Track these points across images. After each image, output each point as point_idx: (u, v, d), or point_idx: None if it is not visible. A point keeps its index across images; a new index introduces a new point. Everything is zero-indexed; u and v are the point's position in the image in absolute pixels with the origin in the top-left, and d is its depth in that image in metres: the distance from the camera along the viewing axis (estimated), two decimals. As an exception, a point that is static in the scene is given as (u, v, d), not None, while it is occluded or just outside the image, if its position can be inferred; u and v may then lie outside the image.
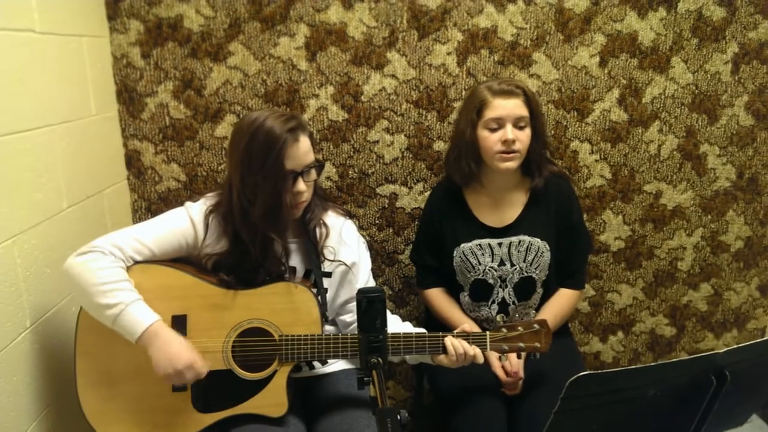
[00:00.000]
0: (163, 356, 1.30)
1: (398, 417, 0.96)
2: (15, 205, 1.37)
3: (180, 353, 1.31)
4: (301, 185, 1.40)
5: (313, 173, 1.44)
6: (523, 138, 1.60)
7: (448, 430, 1.56)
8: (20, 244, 1.38)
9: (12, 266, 1.35)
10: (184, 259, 1.48)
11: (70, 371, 1.41)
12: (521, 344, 1.45)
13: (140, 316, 1.31)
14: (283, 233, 1.44)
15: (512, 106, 1.59)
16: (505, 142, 1.58)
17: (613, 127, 2.03)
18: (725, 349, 0.95)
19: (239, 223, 1.42)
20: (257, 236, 1.41)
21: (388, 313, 1.57)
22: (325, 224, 1.53)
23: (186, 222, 1.45)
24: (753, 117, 2.06)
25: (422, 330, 1.48)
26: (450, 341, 1.40)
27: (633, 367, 0.89)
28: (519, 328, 1.45)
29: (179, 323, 1.40)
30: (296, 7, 1.88)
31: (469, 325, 1.63)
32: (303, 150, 1.39)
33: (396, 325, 1.54)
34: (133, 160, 1.97)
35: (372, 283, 1.60)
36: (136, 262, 1.40)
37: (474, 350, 1.41)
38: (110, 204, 1.85)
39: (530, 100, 1.62)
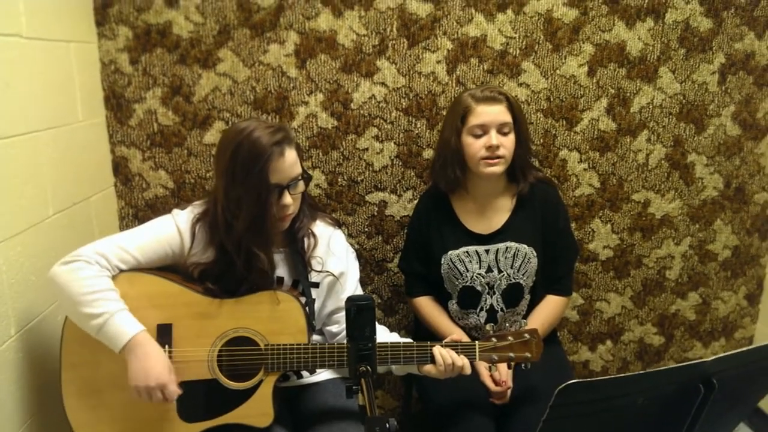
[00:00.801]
0: (140, 369, 1.29)
1: (387, 426, 0.95)
2: (0, 211, 1.35)
3: (156, 370, 1.29)
4: (288, 198, 1.38)
5: (300, 185, 1.42)
6: (507, 144, 1.61)
7: (437, 441, 1.55)
8: (5, 252, 1.36)
9: (-5, 273, 1.33)
10: (170, 268, 1.47)
11: (54, 380, 1.39)
12: (511, 354, 1.44)
13: (124, 326, 1.29)
14: (267, 247, 1.42)
15: (496, 112, 1.60)
16: (489, 147, 1.58)
17: (601, 136, 2.05)
18: (713, 358, 0.95)
19: (224, 235, 1.40)
20: (241, 250, 1.39)
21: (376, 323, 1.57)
22: (313, 234, 1.51)
23: (172, 230, 1.43)
24: (740, 127, 2.08)
25: (409, 340, 1.47)
26: (438, 351, 1.39)
27: (621, 375, 0.89)
28: (509, 338, 1.44)
29: (164, 332, 1.38)
30: (286, 15, 1.88)
31: (458, 335, 1.63)
32: (288, 163, 1.37)
33: (383, 335, 1.53)
34: (120, 167, 1.95)
35: (359, 293, 1.59)
36: (122, 271, 1.38)
37: (462, 361, 1.39)
38: (97, 211, 1.83)
39: (513, 107, 1.63)
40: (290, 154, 1.38)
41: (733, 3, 1.96)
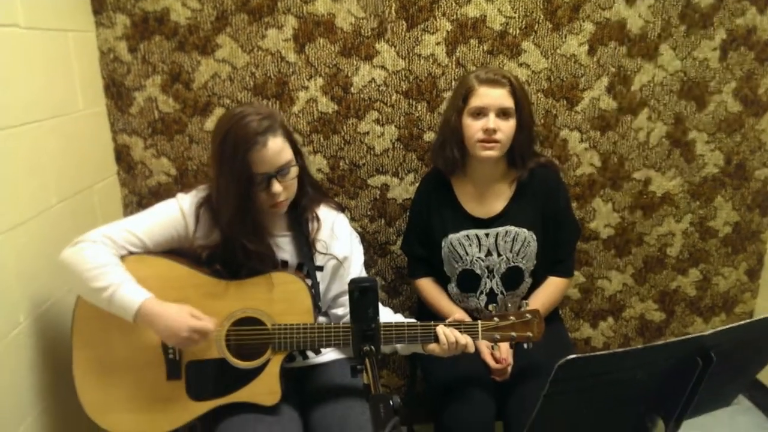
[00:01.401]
0: (165, 329, 1.32)
1: (391, 403, 0.97)
2: (3, 201, 1.36)
3: (178, 322, 1.32)
4: (277, 186, 1.38)
5: (292, 171, 1.42)
6: (505, 129, 1.60)
7: (440, 419, 1.58)
8: (11, 241, 1.38)
9: (3, 263, 1.35)
10: (178, 251, 1.49)
11: (65, 365, 1.42)
12: (513, 333, 1.46)
13: (132, 294, 1.32)
14: (255, 237, 1.43)
15: (497, 96, 1.59)
16: (486, 130, 1.58)
17: (602, 115, 2.04)
18: (710, 331, 0.96)
19: (219, 222, 1.43)
20: (233, 237, 1.42)
21: (380, 305, 1.59)
22: (317, 217, 1.53)
23: (177, 213, 1.45)
24: (741, 103, 2.07)
25: (414, 320, 1.49)
26: (442, 330, 1.41)
27: (620, 350, 0.91)
28: (511, 317, 1.45)
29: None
30: (284, -1, 1.87)
31: (461, 315, 1.65)
32: (272, 153, 1.36)
33: (388, 316, 1.55)
34: (122, 155, 1.96)
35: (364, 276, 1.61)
36: (130, 253, 1.41)
37: (465, 339, 1.42)
38: (100, 199, 1.84)
39: (516, 91, 1.61)
40: (274, 143, 1.36)
41: (733, -23, 1.95)
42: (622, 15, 1.95)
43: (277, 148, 1.37)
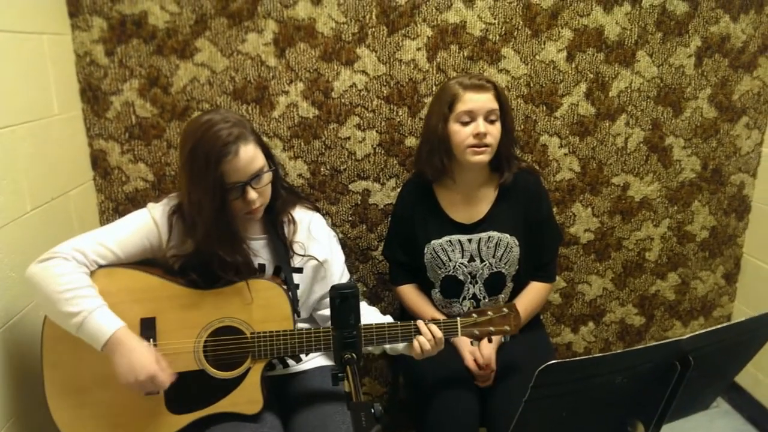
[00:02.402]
0: (126, 365, 1.28)
1: (372, 411, 0.96)
2: (-25, 208, 1.33)
3: (142, 363, 1.28)
4: (252, 194, 1.37)
5: (265, 178, 1.40)
6: (494, 132, 1.61)
7: (423, 424, 1.57)
8: (-19, 249, 1.34)
9: (-27, 271, 1.32)
10: (150, 261, 1.46)
11: (36, 379, 1.38)
12: (491, 328, 1.47)
13: (104, 322, 1.28)
14: (231, 250, 1.40)
15: (484, 100, 1.60)
16: (477, 135, 1.59)
17: (581, 120, 2.06)
18: (688, 335, 0.97)
19: (192, 235, 1.41)
20: (210, 248, 1.39)
21: (366, 305, 1.59)
22: (293, 219, 1.52)
23: (149, 223, 1.43)
24: (716, 109, 2.11)
25: (392, 320, 1.48)
26: (421, 325, 1.42)
27: (599, 355, 0.91)
28: (489, 312, 1.47)
29: (148, 326, 1.38)
30: (264, 3, 1.86)
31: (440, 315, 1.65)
32: (244, 161, 1.34)
33: (375, 317, 1.55)
34: (98, 161, 1.93)
35: (347, 276, 1.60)
36: (101, 266, 1.37)
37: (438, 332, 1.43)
38: (76, 205, 1.81)
39: (500, 95, 1.64)
40: (245, 152, 1.34)
41: (708, -14, 1.98)
42: (600, 22, 1.98)
43: (249, 157, 1.35)
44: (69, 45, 1.82)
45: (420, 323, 1.43)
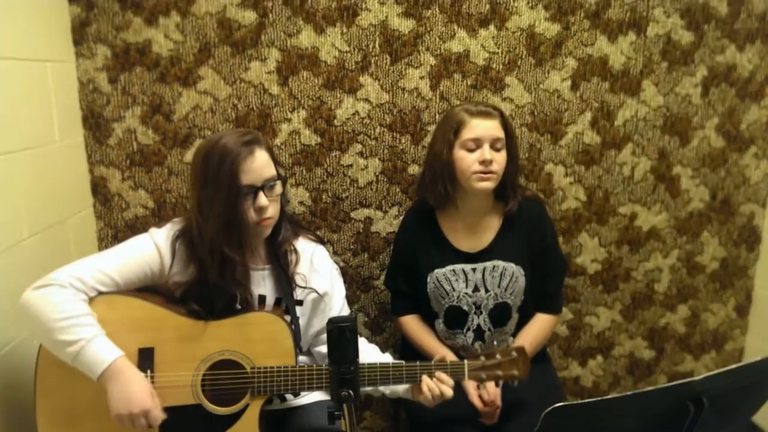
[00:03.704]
0: (122, 396, 1.24)
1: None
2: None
3: (139, 396, 1.24)
4: (263, 200, 1.35)
5: (278, 187, 1.39)
6: (499, 159, 1.59)
7: (425, 463, 1.52)
8: (-25, 276, 1.32)
9: (-35, 299, 1.29)
10: (151, 289, 1.43)
11: (28, 409, 1.34)
12: (499, 372, 1.42)
13: (102, 353, 1.24)
14: (240, 249, 1.37)
15: (490, 127, 1.58)
16: (483, 162, 1.56)
17: (586, 149, 2.04)
18: (701, 376, 0.92)
19: (197, 243, 1.37)
20: (214, 256, 1.35)
21: (366, 342, 1.54)
22: (295, 250, 1.49)
23: (151, 249, 1.40)
24: (724, 138, 2.08)
25: (399, 361, 1.43)
26: (426, 384, 1.36)
27: (608, 397, 0.87)
28: (497, 356, 1.42)
29: (146, 356, 1.34)
30: (267, 32, 1.86)
31: (445, 354, 1.60)
32: (259, 164, 1.35)
33: (374, 356, 1.50)
34: (99, 187, 1.92)
35: (347, 311, 1.56)
36: (100, 293, 1.34)
37: (448, 391, 1.36)
38: (75, 232, 1.79)
39: (506, 123, 1.62)
40: (261, 155, 1.36)
41: (713, 16, 1.97)
42: (604, 51, 1.97)
43: (264, 160, 1.36)
44: (72, 72, 1.83)
45: (424, 385, 1.36)
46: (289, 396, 1.52)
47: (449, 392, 1.36)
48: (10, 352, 1.43)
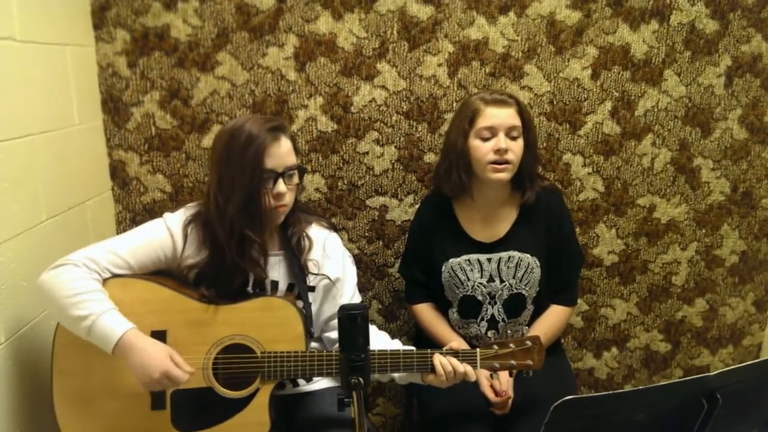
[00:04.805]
0: (140, 366, 1.27)
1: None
2: (-10, 216, 1.33)
3: (155, 361, 1.26)
4: (282, 186, 1.37)
5: (296, 177, 1.42)
6: (515, 149, 1.57)
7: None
8: (-4, 257, 1.34)
9: (-14, 280, 1.32)
10: (165, 272, 1.45)
11: (45, 389, 1.37)
12: (513, 362, 1.40)
13: (113, 324, 1.27)
14: (261, 230, 1.40)
15: (505, 116, 1.56)
16: (497, 151, 1.54)
17: (605, 139, 2.01)
18: (716, 372, 0.91)
19: (216, 223, 1.39)
20: (233, 235, 1.37)
21: (377, 329, 1.55)
22: (308, 237, 1.49)
23: (164, 233, 1.42)
24: (747, 130, 2.04)
25: (410, 347, 1.44)
26: (438, 359, 1.36)
27: (620, 391, 0.86)
28: (511, 345, 1.40)
29: (158, 339, 1.36)
30: (285, 18, 1.86)
31: (458, 343, 1.60)
32: (284, 150, 1.38)
33: (385, 342, 1.50)
34: (117, 171, 1.94)
35: (358, 298, 1.57)
36: (114, 276, 1.37)
37: (465, 367, 1.36)
38: (93, 215, 1.81)
39: (523, 111, 1.60)
40: (285, 142, 1.39)
41: (739, 4, 1.92)
42: (626, 40, 1.93)
43: (288, 148, 1.40)
44: (92, 56, 1.84)
45: (435, 359, 1.36)
46: (301, 381, 1.54)
47: (461, 368, 1.35)
48: (27, 332, 1.46)
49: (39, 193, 1.53)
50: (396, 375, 1.44)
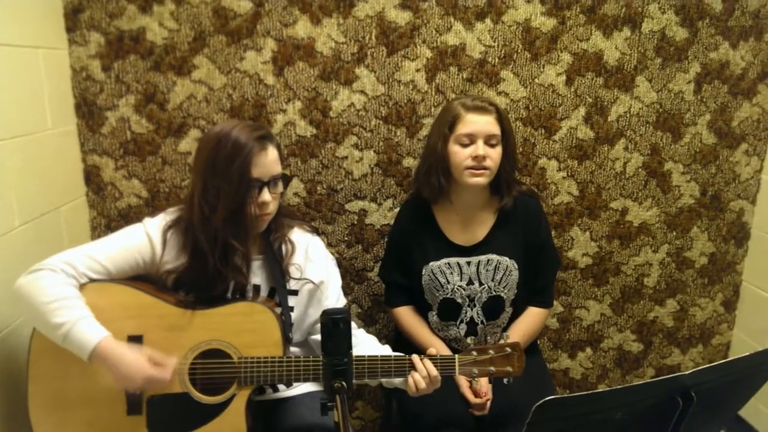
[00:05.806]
0: (119, 375, 1.25)
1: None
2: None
3: (134, 370, 1.25)
4: (266, 195, 1.37)
5: (280, 185, 1.42)
6: (493, 155, 1.59)
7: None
8: (-33, 264, 1.31)
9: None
10: (142, 277, 1.43)
11: (20, 396, 1.35)
12: (492, 368, 1.40)
13: (88, 332, 1.25)
14: (245, 241, 1.40)
15: (484, 123, 1.58)
16: (476, 158, 1.57)
17: (579, 144, 2.05)
18: (691, 371, 0.94)
19: (199, 230, 1.38)
20: (217, 244, 1.37)
21: (364, 333, 1.55)
22: (290, 241, 1.49)
23: (143, 238, 1.40)
24: (715, 135, 2.10)
25: (388, 354, 1.44)
26: (416, 360, 1.37)
27: (600, 390, 0.88)
28: (490, 351, 1.40)
29: (135, 344, 1.34)
30: (263, 22, 1.85)
31: (438, 346, 1.62)
32: (270, 159, 1.38)
33: (372, 346, 1.51)
34: (92, 176, 1.91)
35: (342, 301, 1.57)
36: (92, 281, 1.35)
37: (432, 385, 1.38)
38: (67, 221, 1.78)
39: (503, 119, 1.62)
40: (272, 151, 1.39)
41: (707, 13, 1.98)
42: (599, 47, 1.97)
43: (274, 157, 1.40)
44: (65, 59, 1.81)
45: (415, 358, 1.38)
46: (281, 386, 1.53)
47: (434, 372, 1.36)
48: (4, 339, 1.44)
49: (11, 198, 1.49)
50: (383, 380, 1.45)
